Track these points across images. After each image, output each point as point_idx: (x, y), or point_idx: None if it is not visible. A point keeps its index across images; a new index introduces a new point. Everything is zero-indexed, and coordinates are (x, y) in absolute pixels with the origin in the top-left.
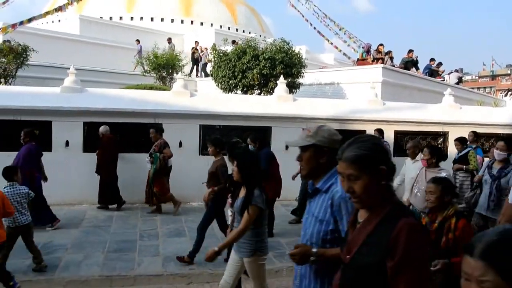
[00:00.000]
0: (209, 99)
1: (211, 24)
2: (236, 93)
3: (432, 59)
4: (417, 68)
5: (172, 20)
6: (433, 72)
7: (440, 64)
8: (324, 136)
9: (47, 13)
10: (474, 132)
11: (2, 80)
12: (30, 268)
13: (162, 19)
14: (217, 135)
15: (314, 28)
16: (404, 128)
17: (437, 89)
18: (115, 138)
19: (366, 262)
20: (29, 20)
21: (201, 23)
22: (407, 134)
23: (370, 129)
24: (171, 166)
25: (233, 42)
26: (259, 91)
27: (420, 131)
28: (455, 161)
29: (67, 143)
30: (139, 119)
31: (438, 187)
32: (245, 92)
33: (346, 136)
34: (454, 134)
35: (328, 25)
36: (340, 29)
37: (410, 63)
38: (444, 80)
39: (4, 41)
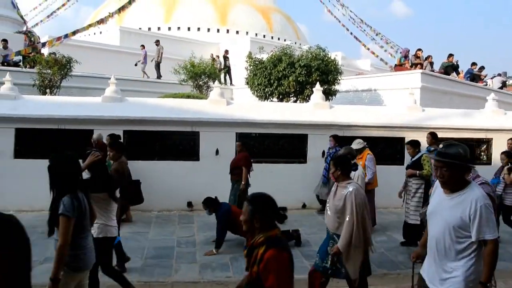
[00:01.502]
0: (245, 107)
1: (247, 32)
2: (272, 100)
3: (474, 63)
4: (458, 73)
5: (208, 30)
6: (475, 76)
7: (482, 68)
8: None
9: (90, 25)
10: (432, 134)
11: (48, 90)
12: None
13: (198, 29)
14: (117, 139)
15: (351, 33)
16: (444, 135)
17: (480, 94)
18: (105, 146)
19: None
20: (74, 33)
21: (237, 32)
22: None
23: (409, 137)
24: None
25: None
26: (295, 99)
27: (461, 138)
28: (408, 167)
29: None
30: (177, 128)
31: (247, 208)
32: (281, 100)
33: (387, 143)
34: (498, 141)
35: (365, 30)
36: (376, 34)
37: (450, 68)
38: (486, 84)
39: (49, 53)
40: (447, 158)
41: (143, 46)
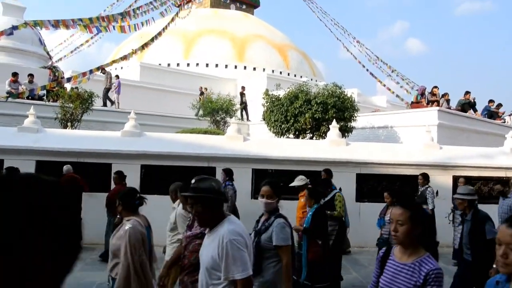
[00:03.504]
0: (261, 144)
1: (264, 69)
2: (288, 137)
3: (491, 101)
4: (475, 110)
5: (226, 66)
6: (492, 114)
7: (500, 105)
8: None
9: (114, 61)
10: (325, 170)
11: (69, 124)
12: None
13: (216, 65)
14: None
15: (367, 70)
16: (463, 173)
17: (498, 131)
18: (76, 178)
19: None
20: (98, 68)
21: (254, 68)
22: (467, 180)
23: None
24: None
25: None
26: (311, 135)
27: (480, 177)
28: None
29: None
30: (193, 163)
31: None
32: (297, 136)
33: (404, 181)
34: None
35: (380, 67)
36: (392, 71)
37: (467, 105)
38: (504, 122)
39: (72, 88)
40: (199, 193)
41: (117, 76)
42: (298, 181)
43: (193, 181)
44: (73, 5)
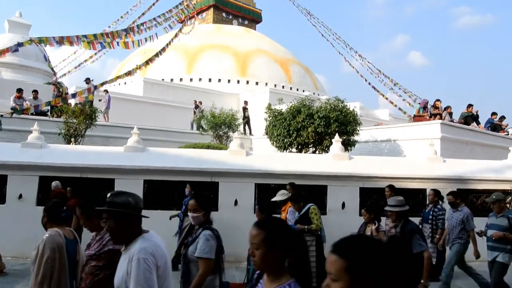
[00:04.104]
0: (264, 158)
1: (266, 84)
2: (291, 151)
3: (494, 113)
4: (478, 123)
5: (229, 81)
6: (495, 126)
7: (503, 117)
8: None
9: (118, 77)
10: (291, 184)
11: (72, 139)
12: None
13: (219, 80)
14: None
15: (369, 83)
16: (467, 186)
17: (501, 144)
18: (65, 194)
19: None
20: (102, 84)
21: (256, 83)
22: (472, 193)
23: (431, 188)
24: None
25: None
26: (314, 149)
27: (485, 189)
28: (296, 222)
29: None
30: (196, 178)
31: None
32: (300, 151)
33: (408, 195)
34: None
35: (383, 80)
36: (395, 84)
37: (470, 118)
38: (508, 134)
39: (75, 104)
40: (113, 207)
41: (106, 91)
42: (280, 196)
43: (108, 195)
44: (77, 21)
